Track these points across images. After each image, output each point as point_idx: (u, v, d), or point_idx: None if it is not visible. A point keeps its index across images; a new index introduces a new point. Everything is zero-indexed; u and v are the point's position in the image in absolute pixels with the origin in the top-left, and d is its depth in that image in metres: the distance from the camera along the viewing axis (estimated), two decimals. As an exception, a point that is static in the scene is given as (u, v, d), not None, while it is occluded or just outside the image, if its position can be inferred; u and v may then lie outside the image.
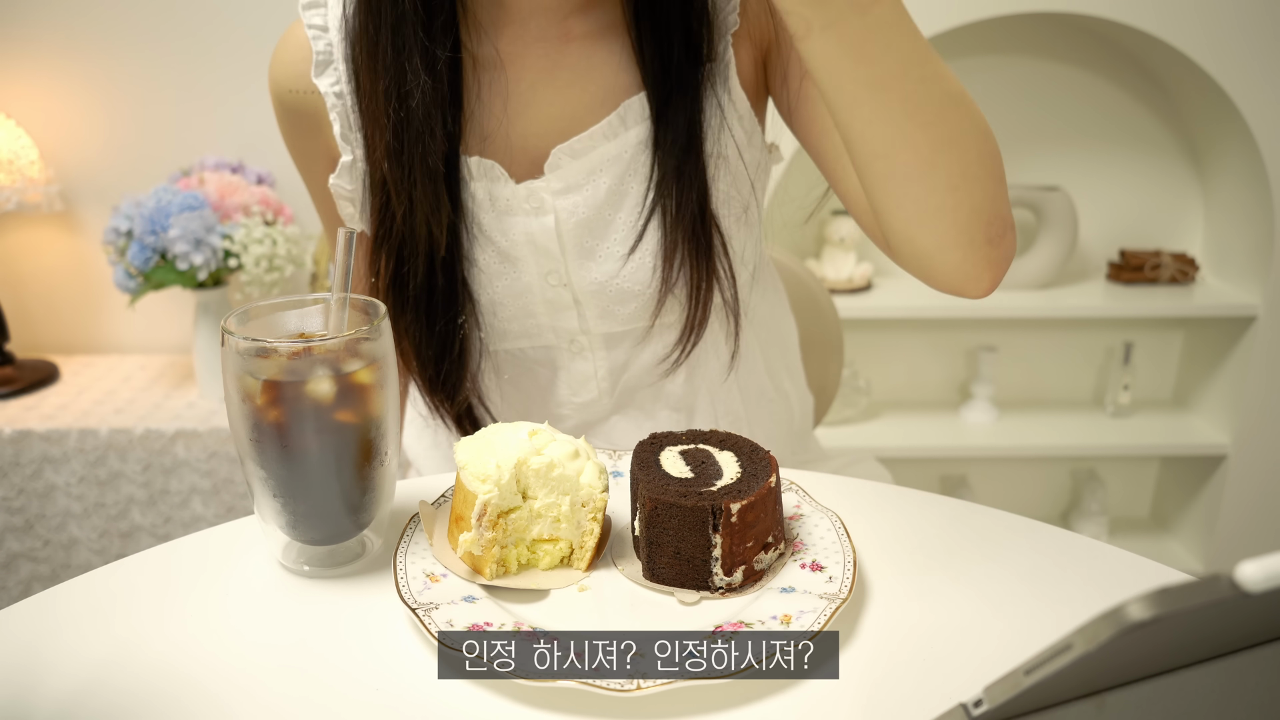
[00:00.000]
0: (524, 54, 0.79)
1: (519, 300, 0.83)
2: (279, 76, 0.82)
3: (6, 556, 1.67)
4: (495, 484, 0.58)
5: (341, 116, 0.79)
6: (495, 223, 0.81)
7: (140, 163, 1.83)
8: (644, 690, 0.48)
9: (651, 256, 0.81)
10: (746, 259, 0.87)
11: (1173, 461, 2.11)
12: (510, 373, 0.89)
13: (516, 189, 0.79)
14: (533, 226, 0.80)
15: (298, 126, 0.84)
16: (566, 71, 0.80)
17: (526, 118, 0.80)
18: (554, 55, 0.80)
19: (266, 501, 0.60)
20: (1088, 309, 1.87)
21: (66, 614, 0.58)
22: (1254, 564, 0.26)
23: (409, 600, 0.55)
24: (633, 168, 0.80)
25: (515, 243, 0.81)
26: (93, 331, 1.96)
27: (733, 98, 0.80)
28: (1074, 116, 1.95)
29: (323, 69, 0.78)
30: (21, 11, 1.75)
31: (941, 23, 1.69)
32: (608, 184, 0.80)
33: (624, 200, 0.81)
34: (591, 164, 0.79)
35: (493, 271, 0.82)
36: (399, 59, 0.74)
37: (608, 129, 0.79)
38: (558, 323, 0.85)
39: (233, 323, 0.58)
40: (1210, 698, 0.33)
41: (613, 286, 0.82)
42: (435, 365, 0.83)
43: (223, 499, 1.66)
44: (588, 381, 0.88)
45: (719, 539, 0.56)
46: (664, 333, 0.86)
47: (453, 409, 0.86)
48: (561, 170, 0.79)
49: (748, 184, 0.84)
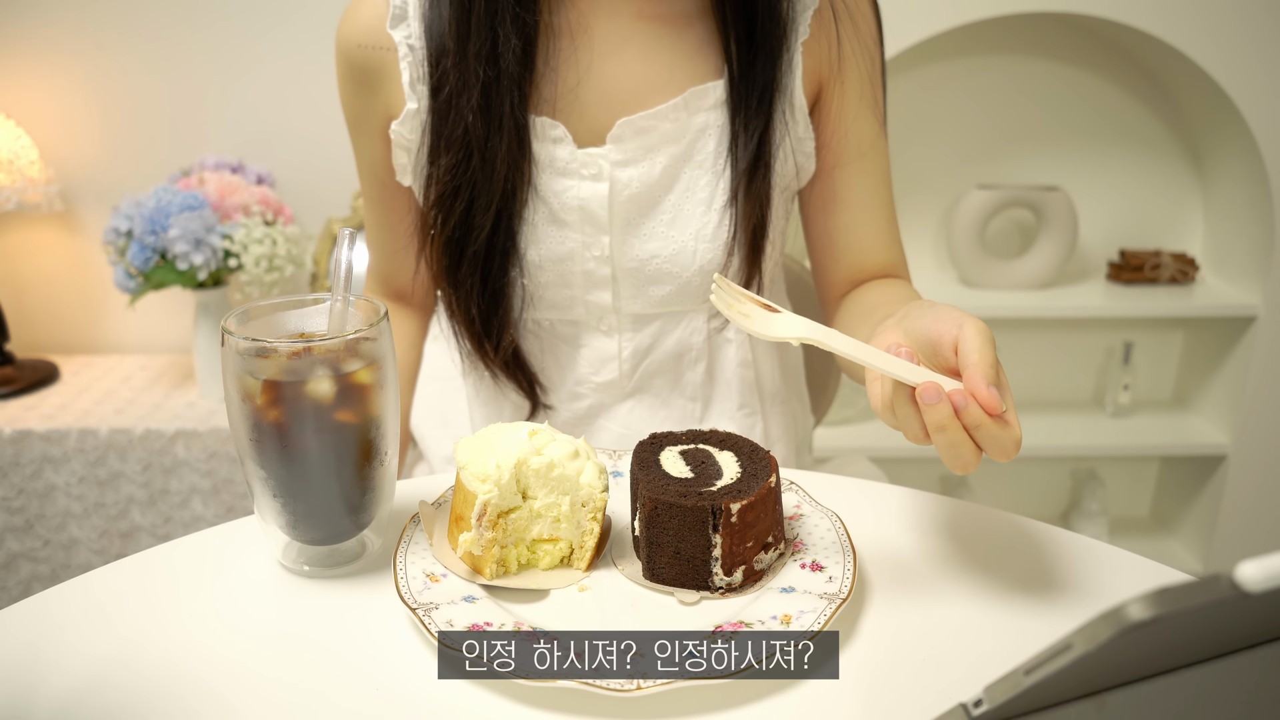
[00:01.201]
0: (595, 26, 0.83)
1: (558, 266, 0.85)
2: (349, 32, 0.86)
3: (6, 556, 1.67)
4: (495, 484, 0.58)
5: (411, 67, 0.82)
6: (550, 183, 0.83)
7: (140, 163, 1.83)
8: (644, 690, 0.48)
9: (691, 239, 0.84)
10: (776, 256, 0.91)
11: (1173, 461, 2.11)
12: (533, 344, 0.90)
13: (577, 153, 0.82)
14: (585, 191, 0.83)
15: (361, 82, 0.86)
16: (635, 47, 0.83)
17: (591, 86, 0.83)
18: (624, 31, 0.83)
19: (266, 501, 0.60)
20: (1088, 309, 1.87)
21: (66, 614, 0.58)
22: (1254, 564, 0.26)
23: (409, 600, 0.55)
24: (689, 153, 0.83)
25: (566, 206, 0.83)
26: (93, 331, 1.96)
27: (794, 103, 0.84)
28: (1074, 116, 1.95)
29: (398, 21, 0.83)
30: (21, 11, 1.75)
31: (941, 23, 1.69)
32: (664, 164, 0.83)
33: (675, 183, 0.84)
34: (652, 142, 0.83)
35: (540, 231, 0.84)
36: (491, 22, 0.78)
37: (672, 111, 0.82)
38: (591, 297, 0.86)
39: (233, 323, 0.58)
40: (1210, 698, 0.33)
41: (651, 266, 0.85)
42: (483, 320, 0.85)
43: (223, 499, 1.66)
44: (610, 361, 0.89)
45: (719, 539, 0.56)
46: (691, 320, 0.88)
47: (498, 356, 0.87)
48: (623, 142, 0.82)
49: (793, 183, 0.88)
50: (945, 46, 1.86)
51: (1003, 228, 2.02)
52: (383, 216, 0.94)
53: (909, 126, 1.94)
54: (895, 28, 1.69)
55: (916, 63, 1.88)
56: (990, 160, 1.98)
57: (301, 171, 1.83)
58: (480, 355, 0.87)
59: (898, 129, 1.94)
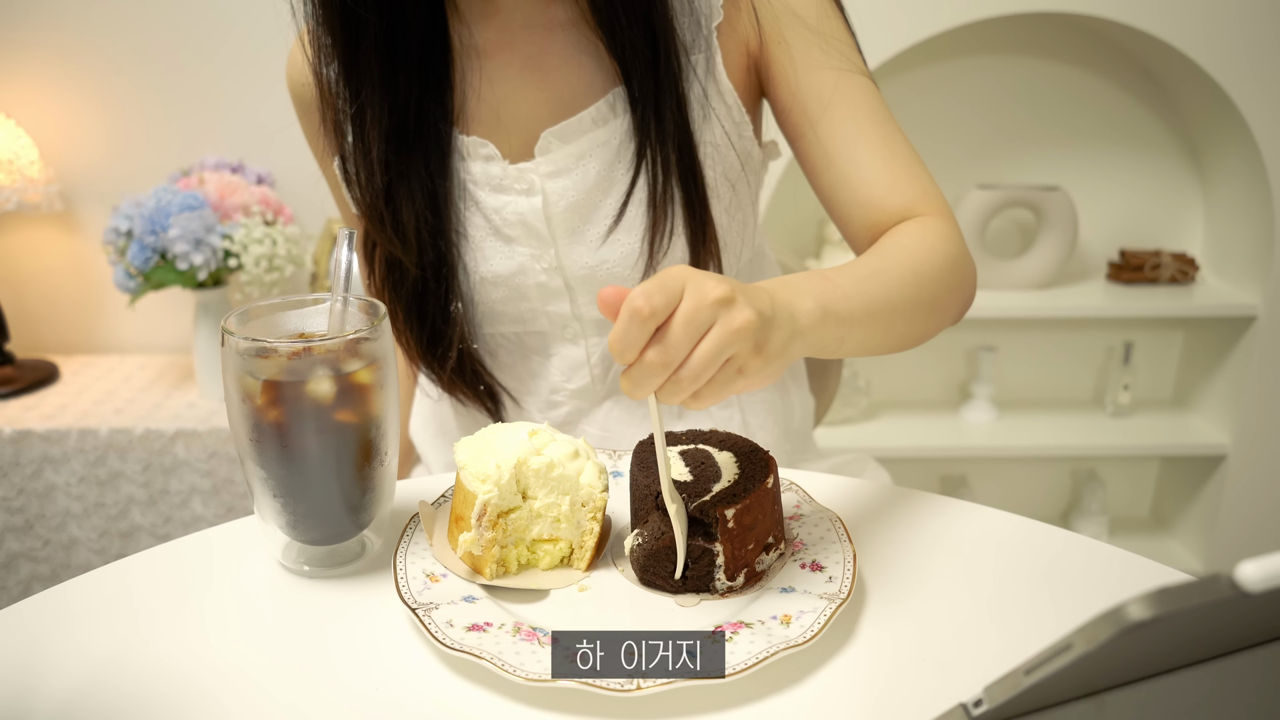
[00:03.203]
0: (510, 42, 0.82)
1: (511, 280, 0.85)
2: (292, 71, 0.88)
3: (6, 556, 1.67)
4: (495, 484, 0.58)
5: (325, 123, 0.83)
6: (489, 199, 0.83)
7: (140, 163, 1.83)
8: (644, 690, 0.48)
9: (638, 241, 0.82)
10: (737, 249, 0.88)
11: (1173, 461, 2.11)
12: (505, 358, 0.90)
13: (509, 169, 0.82)
14: (523, 206, 0.82)
15: (312, 119, 0.87)
16: (554, 57, 0.82)
17: (515, 101, 0.82)
18: (540, 42, 0.82)
19: (266, 501, 0.60)
20: (1088, 309, 1.87)
21: (66, 614, 0.58)
22: (1254, 564, 0.26)
23: (409, 600, 0.55)
24: (621, 154, 0.81)
25: (508, 221, 0.83)
26: (93, 331, 1.96)
27: (720, 89, 0.81)
28: (1074, 116, 1.95)
29: None
30: (22, 12, 1.75)
31: (942, 23, 1.69)
32: (596, 169, 0.81)
33: (613, 186, 0.82)
34: (581, 149, 0.81)
35: (487, 247, 0.84)
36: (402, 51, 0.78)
37: (596, 115, 0.80)
38: (550, 308, 0.86)
39: (233, 323, 0.58)
40: (1210, 698, 0.33)
41: (602, 271, 0.83)
42: (429, 348, 0.86)
43: (223, 499, 1.66)
44: (580, 368, 0.89)
45: (719, 546, 0.56)
46: None
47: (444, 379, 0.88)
48: (551, 154, 0.81)
49: (738, 173, 0.85)
50: (945, 46, 1.86)
51: (1003, 228, 2.03)
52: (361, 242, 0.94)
53: (909, 126, 1.93)
54: (895, 28, 1.69)
55: (916, 63, 1.88)
56: (990, 160, 1.98)
57: (301, 171, 1.83)
58: (433, 378, 0.89)
59: (898, 129, 1.95)
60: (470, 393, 0.89)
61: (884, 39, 1.69)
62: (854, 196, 0.80)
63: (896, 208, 0.78)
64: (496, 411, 0.91)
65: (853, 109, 0.80)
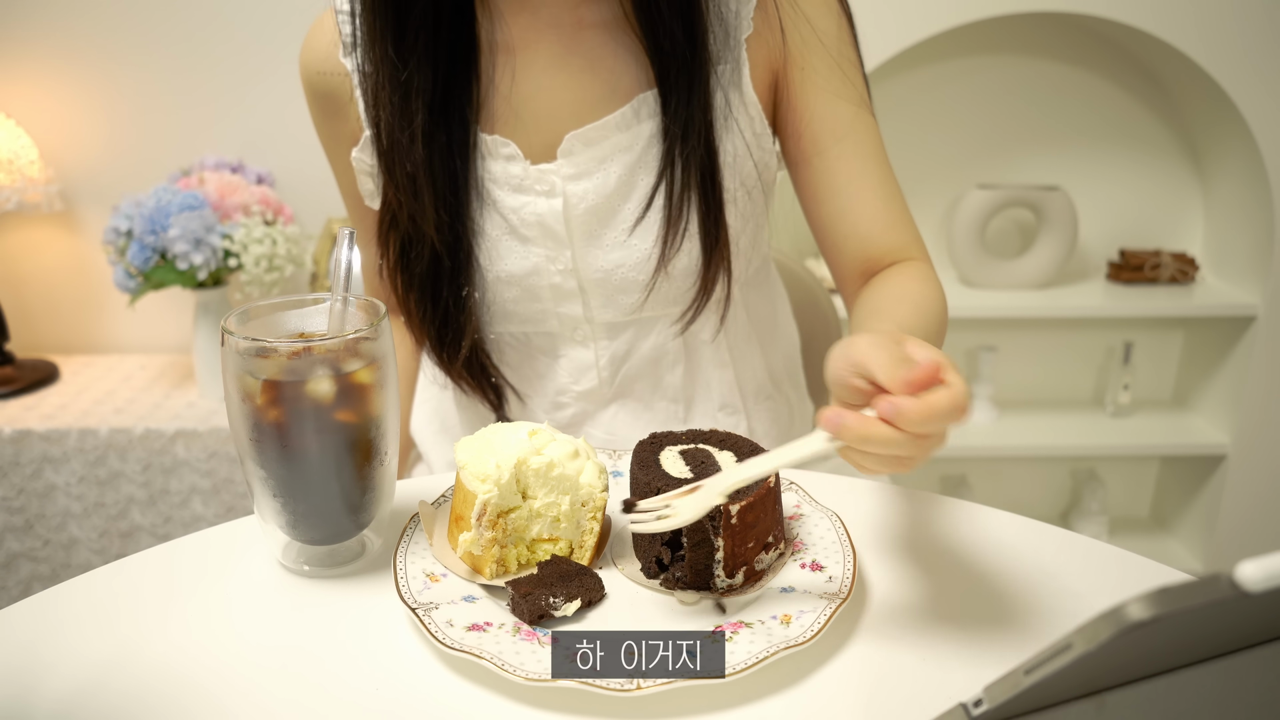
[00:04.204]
0: (537, 40, 0.81)
1: (526, 280, 0.84)
2: (308, 59, 0.86)
3: (6, 556, 1.67)
4: (495, 484, 0.58)
5: (365, 94, 0.82)
6: (508, 199, 0.83)
7: (140, 163, 1.83)
8: (644, 690, 0.48)
9: (651, 243, 0.82)
10: (748, 255, 0.89)
11: (1172, 461, 2.11)
12: (511, 357, 0.90)
13: (530, 169, 0.81)
14: (541, 208, 0.82)
15: (325, 109, 0.87)
16: (579, 59, 0.81)
17: (539, 101, 0.82)
18: (566, 42, 0.81)
19: (266, 501, 0.60)
20: (1087, 309, 1.87)
21: (66, 614, 0.58)
22: (1254, 564, 0.26)
23: (409, 600, 0.55)
24: (644, 160, 0.81)
25: (526, 221, 0.83)
26: (93, 331, 1.96)
27: (745, 99, 0.82)
28: (1074, 116, 1.95)
29: (349, 50, 0.82)
30: (22, 12, 1.75)
31: (942, 23, 1.69)
32: (618, 174, 0.81)
33: (633, 190, 0.82)
34: (603, 152, 0.81)
35: (502, 246, 0.84)
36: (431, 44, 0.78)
37: (621, 120, 0.80)
38: (562, 309, 0.86)
39: (233, 322, 0.58)
40: (1210, 698, 0.33)
41: (617, 275, 0.83)
42: (438, 335, 0.86)
43: (223, 499, 1.66)
44: (588, 370, 0.89)
45: (720, 541, 0.56)
46: (664, 324, 0.87)
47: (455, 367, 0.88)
48: (574, 156, 0.81)
49: (755, 181, 0.85)
50: (945, 46, 1.86)
51: (1003, 227, 2.03)
52: (367, 235, 0.93)
53: (909, 126, 1.94)
54: (895, 28, 1.69)
55: (916, 63, 1.88)
56: (990, 160, 1.98)
57: (301, 171, 1.83)
58: (441, 366, 0.88)
59: (898, 129, 1.95)
60: (475, 385, 0.89)
61: (884, 39, 1.69)
62: (853, 230, 0.84)
63: (891, 247, 0.83)
64: (500, 406, 0.91)
65: (862, 145, 0.83)
